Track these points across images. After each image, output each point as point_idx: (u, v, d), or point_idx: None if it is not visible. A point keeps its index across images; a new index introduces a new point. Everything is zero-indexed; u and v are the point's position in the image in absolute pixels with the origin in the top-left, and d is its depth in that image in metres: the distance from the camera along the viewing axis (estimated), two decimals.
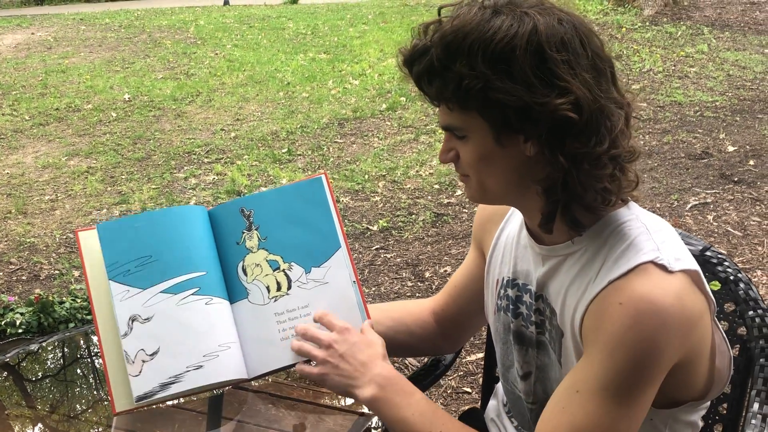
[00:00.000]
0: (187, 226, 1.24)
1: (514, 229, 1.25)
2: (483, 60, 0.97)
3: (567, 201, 1.04)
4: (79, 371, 1.66)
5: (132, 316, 1.19)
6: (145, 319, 1.19)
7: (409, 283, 3.68)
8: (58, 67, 9.21)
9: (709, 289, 1.04)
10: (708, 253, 1.35)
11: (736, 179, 4.65)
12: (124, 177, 5.47)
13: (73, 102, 7.51)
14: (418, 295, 3.55)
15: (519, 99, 0.97)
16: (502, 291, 1.25)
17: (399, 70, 1.07)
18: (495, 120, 1.00)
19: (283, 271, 1.23)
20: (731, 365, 1.16)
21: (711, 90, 6.54)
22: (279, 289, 1.23)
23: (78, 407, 1.47)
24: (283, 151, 5.80)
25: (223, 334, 1.21)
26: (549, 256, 1.13)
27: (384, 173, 5.20)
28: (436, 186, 4.91)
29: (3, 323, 3.09)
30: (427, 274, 3.75)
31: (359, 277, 1.72)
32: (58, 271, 4.03)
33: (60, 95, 7.82)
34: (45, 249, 4.33)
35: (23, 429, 1.40)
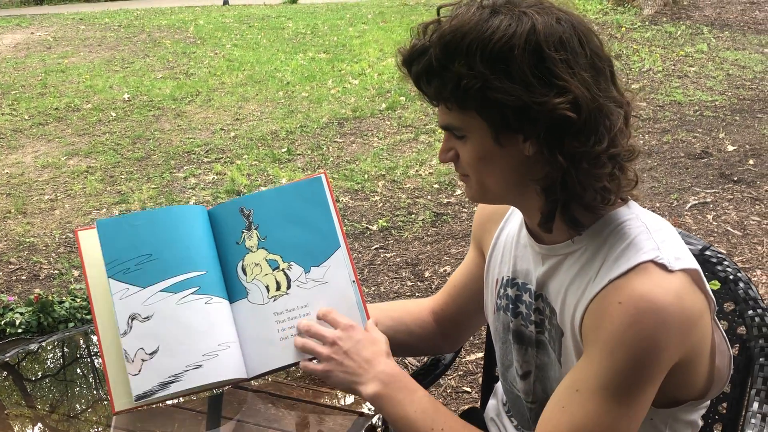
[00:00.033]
0: (186, 225, 1.24)
1: (513, 229, 1.25)
2: (481, 60, 0.97)
3: (566, 200, 1.04)
4: (78, 371, 1.66)
5: (132, 315, 1.19)
6: (144, 318, 1.19)
7: (409, 283, 3.68)
8: (58, 67, 9.21)
9: (709, 288, 1.04)
10: (708, 252, 1.35)
11: (736, 179, 4.64)
12: (123, 177, 5.47)
13: (73, 102, 7.50)
14: (417, 294, 3.55)
15: (517, 98, 0.97)
16: (502, 290, 1.25)
17: (398, 69, 1.07)
18: (494, 120, 1.00)
19: (283, 270, 1.23)
20: (731, 364, 1.16)
21: (710, 89, 6.54)
22: (278, 288, 1.23)
23: (78, 407, 1.47)
24: (283, 150, 5.80)
25: (223, 333, 1.21)
26: (549, 256, 1.13)
27: (383, 173, 5.20)
28: (436, 185, 4.91)
29: (2, 323, 3.08)
30: (426, 274, 3.75)
31: (359, 277, 1.72)
32: (57, 271, 4.03)
33: (59, 95, 7.82)
34: (44, 249, 4.33)
35: (23, 429, 1.40)
